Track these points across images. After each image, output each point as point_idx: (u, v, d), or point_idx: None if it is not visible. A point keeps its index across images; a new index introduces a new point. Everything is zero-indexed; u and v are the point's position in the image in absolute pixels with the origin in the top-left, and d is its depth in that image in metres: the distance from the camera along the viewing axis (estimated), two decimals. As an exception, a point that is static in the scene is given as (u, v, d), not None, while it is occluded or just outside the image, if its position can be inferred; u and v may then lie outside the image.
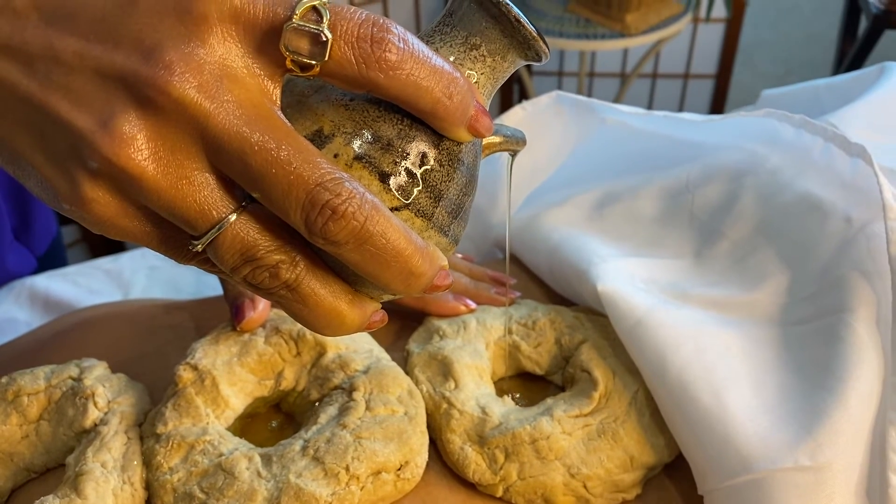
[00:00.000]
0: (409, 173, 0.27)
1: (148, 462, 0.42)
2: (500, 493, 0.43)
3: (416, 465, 0.42)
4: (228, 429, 0.45)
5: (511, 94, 2.17)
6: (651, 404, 0.45)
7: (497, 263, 0.64)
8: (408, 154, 0.27)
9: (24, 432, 0.45)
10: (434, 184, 0.28)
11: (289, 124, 0.25)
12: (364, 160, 0.27)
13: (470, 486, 0.44)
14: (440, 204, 0.28)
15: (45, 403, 0.46)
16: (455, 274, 0.52)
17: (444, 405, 0.45)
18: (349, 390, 0.44)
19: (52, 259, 0.94)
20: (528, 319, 0.50)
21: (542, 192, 0.65)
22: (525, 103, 0.64)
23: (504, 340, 0.50)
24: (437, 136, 0.28)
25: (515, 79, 2.14)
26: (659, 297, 0.48)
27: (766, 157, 0.53)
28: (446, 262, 0.28)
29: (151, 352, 0.52)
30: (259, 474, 0.40)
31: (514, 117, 0.64)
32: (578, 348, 0.48)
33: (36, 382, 0.46)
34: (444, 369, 0.47)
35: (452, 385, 0.46)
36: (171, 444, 0.42)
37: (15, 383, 0.46)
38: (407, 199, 0.27)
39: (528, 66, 2.00)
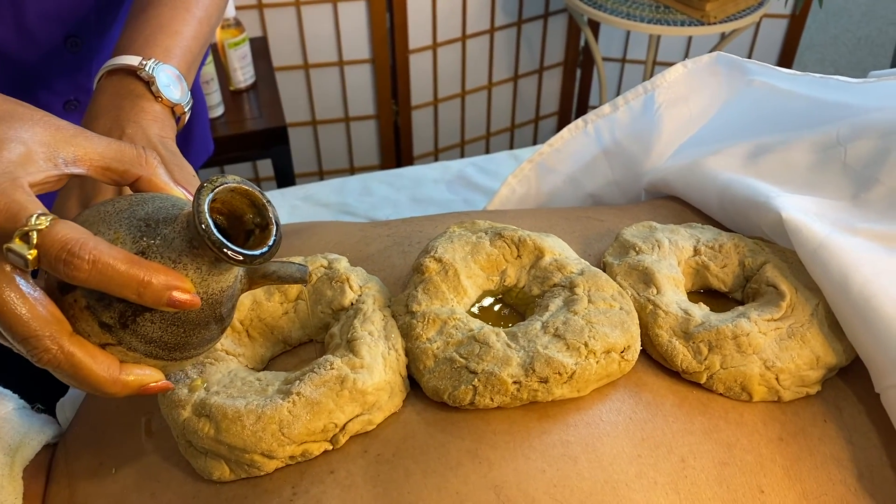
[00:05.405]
0: (119, 324, 0.38)
1: (406, 334, 0.49)
2: (703, 380, 0.50)
3: (635, 350, 0.49)
4: (466, 314, 0.52)
5: (591, 75, 2.24)
6: (829, 317, 0.52)
7: (640, 206, 0.70)
8: (119, 313, 0.38)
9: (284, 309, 0.52)
10: (146, 333, 0.38)
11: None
12: (91, 310, 0.38)
13: (673, 374, 0.51)
14: (154, 343, 0.39)
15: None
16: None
17: (650, 306, 0.52)
18: (570, 287, 0.51)
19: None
20: (715, 243, 0.57)
21: (690, 144, 0.72)
22: (687, 61, 0.71)
23: (693, 259, 0.56)
24: None
25: (591, 63, 2.20)
26: (832, 228, 0.55)
27: None
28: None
29: (374, 254, 0.58)
30: (509, 346, 0.47)
31: (675, 73, 0.71)
32: (762, 268, 0.55)
33: (292, 268, 0.53)
34: (646, 278, 0.53)
35: (654, 291, 0.53)
36: (426, 319, 0.49)
37: (274, 267, 0.53)
38: (118, 341, 0.38)
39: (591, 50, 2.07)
